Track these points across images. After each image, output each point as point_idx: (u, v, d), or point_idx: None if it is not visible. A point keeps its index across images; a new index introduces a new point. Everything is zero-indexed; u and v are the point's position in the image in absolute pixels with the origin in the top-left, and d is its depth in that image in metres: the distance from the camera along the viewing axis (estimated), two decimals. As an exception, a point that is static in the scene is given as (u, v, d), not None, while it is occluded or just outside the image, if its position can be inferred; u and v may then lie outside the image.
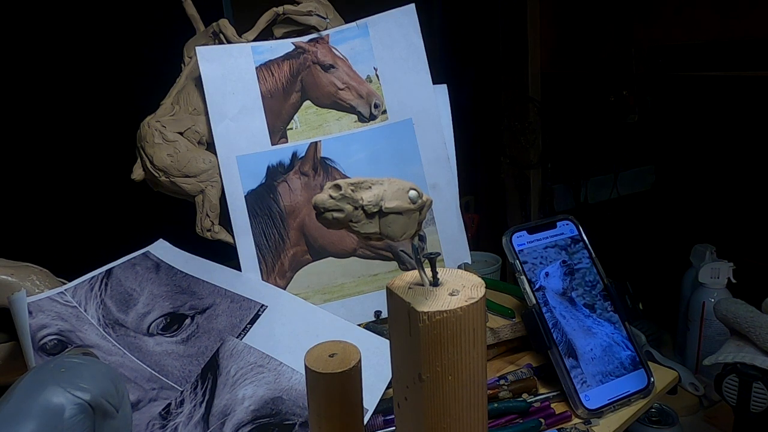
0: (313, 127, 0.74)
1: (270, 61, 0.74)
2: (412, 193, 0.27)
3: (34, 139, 0.94)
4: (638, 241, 1.31)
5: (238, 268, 0.69)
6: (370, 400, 0.54)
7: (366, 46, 0.76)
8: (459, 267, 0.74)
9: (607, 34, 1.29)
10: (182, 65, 0.75)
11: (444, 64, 1.34)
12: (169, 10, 0.79)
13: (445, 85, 0.77)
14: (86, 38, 0.95)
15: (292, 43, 0.75)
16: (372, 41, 0.76)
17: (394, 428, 0.50)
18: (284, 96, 0.74)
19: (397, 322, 0.33)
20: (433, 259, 0.34)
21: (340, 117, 0.75)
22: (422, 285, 0.34)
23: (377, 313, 0.70)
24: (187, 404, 0.55)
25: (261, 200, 0.71)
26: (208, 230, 0.70)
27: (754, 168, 1.15)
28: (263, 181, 0.71)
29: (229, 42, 0.74)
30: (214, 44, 0.74)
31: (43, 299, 0.60)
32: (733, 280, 1.02)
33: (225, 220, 0.71)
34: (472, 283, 0.34)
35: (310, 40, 0.75)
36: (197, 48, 0.72)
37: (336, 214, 0.25)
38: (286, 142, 0.73)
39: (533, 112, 1.34)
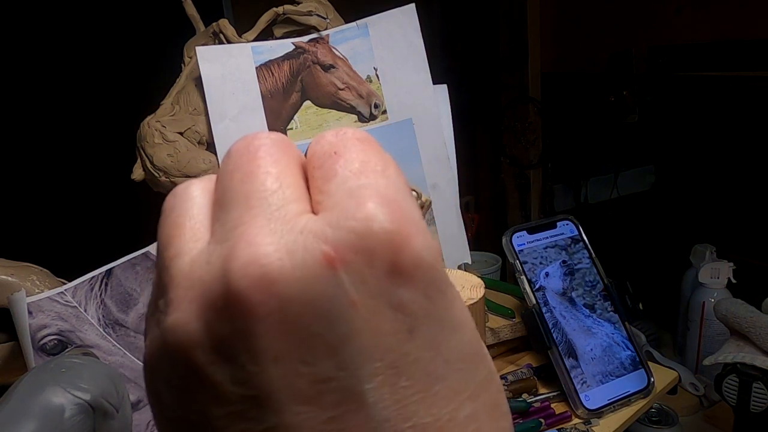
0: (313, 127, 0.74)
1: (270, 61, 0.74)
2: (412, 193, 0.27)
3: (34, 139, 0.94)
4: (638, 241, 1.31)
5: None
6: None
7: (366, 46, 0.76)
8: (459, 267, 0.74)
9: (607, 34, 1.29)
10: (182, 65, 0.75)
11: (444, 64, 1.34)
12: (169, 10, 0.79)
13: (445, 85, 0.77)
14: (86, 38, 0.95)
15: (292, 43, 0.75)
16: (372, 41, 0.76)
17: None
18: (284, 96, 0.74)
19: (397, 323, 0.33)
20: (432, 260, 0.34)
21: (340, 117, 0.75)
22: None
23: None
24: (187, 404, 0.55)
25: (261, 200, 0.71)
26: (208, 230, 0.70)
27: (755, 168, 1.15)
28: (263, 181, 0.71)
29: (229, 42, 0.74)
30: (214, 44, 0.74)
31: (43, 299, 0.60)
32: (733, 280, 1.02)
33: (225, 220, 0.71)
34: (471, 284, 0.34)
35: (310, 40, 0.75)
36: (197, 48, 0.72)
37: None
38: (286, 142, 0.73)
39: (533, 112, 1.34)
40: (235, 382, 0.14)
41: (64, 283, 0.64)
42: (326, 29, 0.76)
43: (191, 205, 0.17)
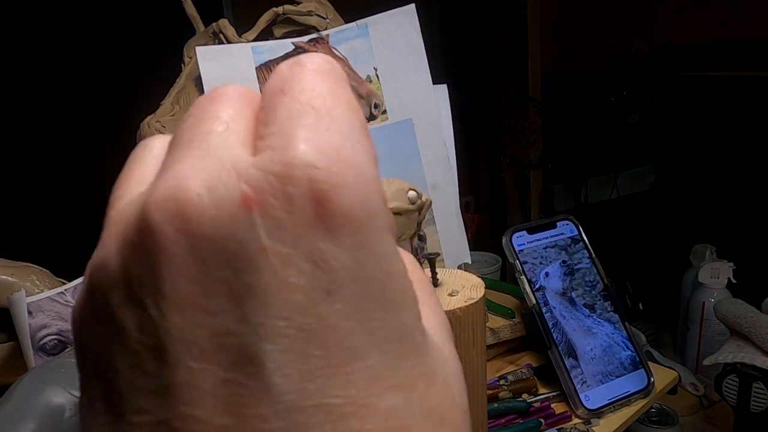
0: (313, 127, 0.74)
1: (270, 61, 0.74)
2: (412, 193, 0.27)
3: (34, 139, 0.94)
4: (638, 241, 1.31)
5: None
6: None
7: (366, 46, 0.76)
8: (459, 267, 0.74)
9: (607, 34, 1.29)
10: (182, 65, 0.75)
11: (444, 64, 1.34)
12: (169, 10, 0.79)
13: (445, 85, 0.77)
14: (86, 39, 0.95)
15: (292, 43, 0.75)
16: (372, 41, 0.76)
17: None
18: (284, 96, 0.74)
19: (397, 323, 0.33)
20: (432, 260, 0.34)
21: (340, 117, 0.75)
22: (422, 285, 0.34)
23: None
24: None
25: (261, 200, 0.71)
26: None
27: (755, 168, 1.15)
28: (263, 181, 0.71)
29: (229, 42, 0.74)
30: (214, 44, 0.74)
31: (43, 299, 0.60)
32: (733, 280, 1.02)
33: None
34: (471, 284, 0.34)
35: (310, 40, 0.75)
36: (197, 48, 0.72)
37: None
38: (286, 142, 0.73)
39: (533, 112, 1.34)
40: (139, 330, 0.13)
41: (64, 283, 0.64)
42: (326, 29, 0.76)
43: (146, 153, 0.16)
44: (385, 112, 0.75)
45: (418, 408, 0.13)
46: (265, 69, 0.74)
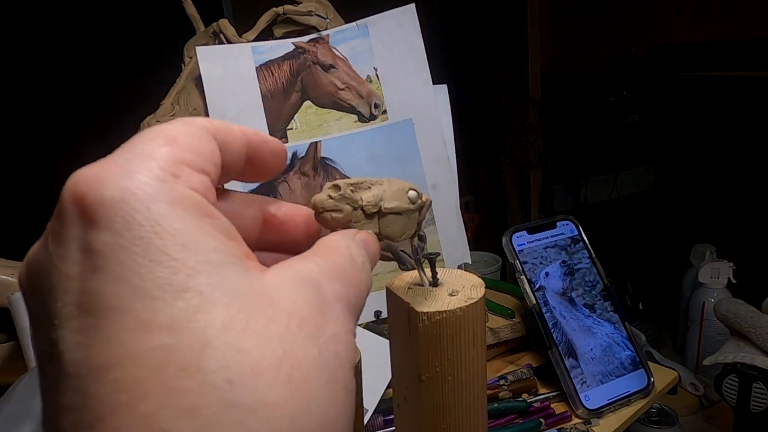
0: (313, 127, 0.74)
1: (270, 61, 0.74)
2: (412, 193, 0.27)
3: (34, 139, 0.94)
4: (638, 241, 1.31)
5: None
6: (370, 400, 0.54)
7: (366, 46, 0.76)
8: (459, 267, 0.74)
9: (607, 34, 1.29)
10: (182, 65, 0.75)
11: (444, 64, 1.34)
12: (169, 10, 0.79)
13: (445, 85, 0.77)
14: (86, 38, 0.95)
15: (292, 43, 0.75)
16: (372, 41, 0.76)
17: (393, 428, 0.50)
18: (284, 96, 0.74)
19: (397, 323, 0.33)
20: (432, 260, 0.34)
21: (340, 117, 0.75)
22: (422, 285, 0.34)
23: (377, 313, 0.70)
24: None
25: (261, 200, 0.71)
26: (208, 230, 0.70)
27: (755, 168, 1.15)
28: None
29: (229, 42, 0.74)
30: (214, 44, 0.74)
31: (43, 299, 0.60)
32: (733, 280, 1.02)
33: (225, 220, 0.71)
34: (471, 284, 0.34)
35: (310, 40, 0.75)
36: (197, 48, 0.72)
37: (335, 215, 0.25)
38: (287, 142, 0.73)
39: (533, 112, 1.34)
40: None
41: (64, 283, 0.64)
42: (326, 29, 0.76)
43: None
44: (385, 112, 0.75)
45: (194, 340, 0.14)
46: (265, 69, 0.74)
